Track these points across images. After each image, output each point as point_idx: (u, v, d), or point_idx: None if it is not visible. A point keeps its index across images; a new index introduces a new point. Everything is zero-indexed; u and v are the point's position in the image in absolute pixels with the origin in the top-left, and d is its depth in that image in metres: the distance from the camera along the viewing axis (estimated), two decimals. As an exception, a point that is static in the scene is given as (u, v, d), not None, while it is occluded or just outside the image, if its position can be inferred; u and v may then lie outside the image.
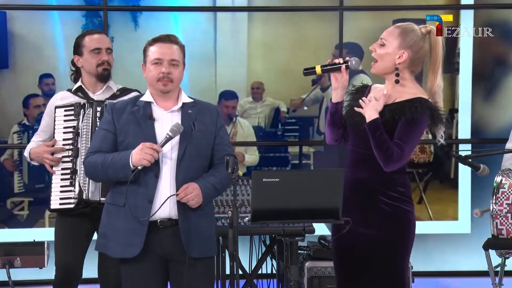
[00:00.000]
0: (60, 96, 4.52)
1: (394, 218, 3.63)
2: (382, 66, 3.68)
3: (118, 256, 3.69)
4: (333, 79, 3.72)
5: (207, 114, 3.75)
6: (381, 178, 3.61)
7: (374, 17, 6.52)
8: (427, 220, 6.66)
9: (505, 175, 4.57)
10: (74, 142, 4.33)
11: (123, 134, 3.66)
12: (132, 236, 3.60)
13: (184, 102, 3.73)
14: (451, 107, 6.72)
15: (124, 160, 3.58)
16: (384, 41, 3.68)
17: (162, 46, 3.68)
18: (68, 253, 4.38)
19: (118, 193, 3.66)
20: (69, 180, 4.33)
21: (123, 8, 6.50)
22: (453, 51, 6.61)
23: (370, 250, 3.63)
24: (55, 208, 4.37)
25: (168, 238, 3.63)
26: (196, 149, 3.65)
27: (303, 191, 3.44)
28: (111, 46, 4.51)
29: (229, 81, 6.70)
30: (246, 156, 6.81)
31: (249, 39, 6.72)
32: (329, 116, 3.78)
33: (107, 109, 3.77)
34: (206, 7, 6.63)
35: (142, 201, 3.60)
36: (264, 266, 5.01)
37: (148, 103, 3.71)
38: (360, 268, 3.67)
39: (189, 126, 3.67)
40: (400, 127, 3.57)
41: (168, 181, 3.62)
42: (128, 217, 3.59)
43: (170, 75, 3.65)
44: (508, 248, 4.57)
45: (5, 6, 6.42)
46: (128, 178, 3.58)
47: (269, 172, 4.73)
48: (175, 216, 3.62)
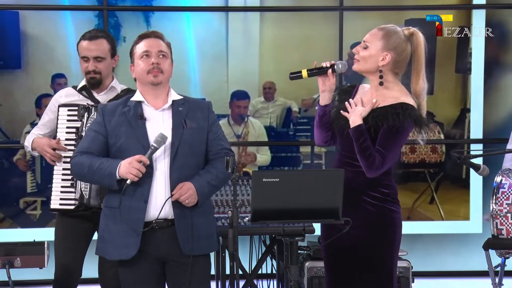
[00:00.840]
0: (65, 93, 4.52)
1: (378, 218, 3.65)
2: (364, 66, 3.70)
3: (115, 258, 3.69)
4: (320, 83, 3.74)
5: (198, 111, 3.74)
6: (365, 178, 3.63)
7: (383, 17, 6.51)
8: (439, 220, 6.65)
9: (505, 175, 4.57)
10: (76, 144, 4.32)
11: (115, 136, 3.65)
12: (127, 237, 3.60)
13: (174, 100, 3.72)
14: (463, 106, 6.72)
15: (110, 169, 3.57)
16: (367, 44, 3.69)
17: (148, 40, 3.69)
18: (68, 253, 4.38)
19: (113, 195, 3.65)
20: (69, 181, 4.33)
21: (123, 8, 6.50)
22: (465, 51, 6.61)
23: (357, 250, 3.65)
24: (55, 208, 4.37)
25: (164, 239, 3.63)
26: (189, 147, 3.64)
27: (303, 191, 3.44)
28: (101, 54, 4.42)
29: (240, 81, 6.70)
30: (258, 156, 6.81)
31: (261, 39, 6.72)
32: (318, 119, 3.80)
33: (98, 111, 3.77)
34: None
35: (137, 202, 3.59)
36: (264, 266, 5.00)
37: (139, 103, 3.70)
38: (348, 269, 3.69)
39: (181, 124, 3.67)
40: (382, 134, 3.59)
41: (162, 180, 3.62)
42: (123, 218, 3.59)
43: (159, 66, 3.65)
44: (508, 248, 4.57)
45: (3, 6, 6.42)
46: (112, 186, 3.59)
47: (269, 172, 4.73)
48: (170, 216, 3.62)
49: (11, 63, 6.52)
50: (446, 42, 6.51)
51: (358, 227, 3.61)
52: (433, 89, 6.61)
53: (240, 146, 6.71)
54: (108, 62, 4.45)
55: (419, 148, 6.65)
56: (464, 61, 6.63)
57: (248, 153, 6.80)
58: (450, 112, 6.74)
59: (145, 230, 3.58)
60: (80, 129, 4.32)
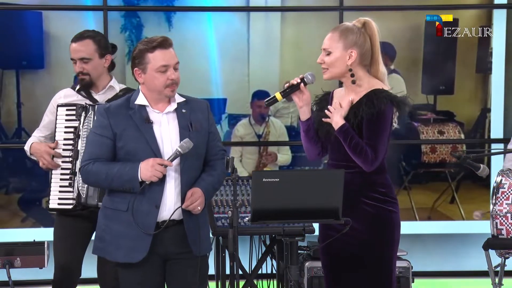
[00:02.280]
0: (64, 94, 4.51)
1: (376, 218, 3.65)
2: (334, 71, 3.70)
3: (121, 261, 3.65)
4: (296, 100, 3.73)
5: (199, 112, 3.74)
6: (361, 179, 3.64)
7: (404, 17, 6.52)
8: (459, 220, 6.63)
9: (505, 175, 4.57)
10: (74, 144, 4.33)
11: (123, 139, 3.62)
12: (137, 241, 3.58)
13: (178, 102, 3.71)
14: (484, 106, 6.72)
15: (131, 174, 3.55)
16: (329, 50, 3.70)
17: (165, 52, 3.63)
18: (67, 253, 4.37)
19: (118, 198, 3.63)
20: (68, 181, 4.33)
21: (123, 8, 6.50)
22: (486, 51, 6.60)
23: (356, 251, 3.66)
24: (53, 207, 4.37)
25: (168, 236, 3.62)
26: (195, 149, 3.63)
27: (303, 191, 3.44)
28: (87, 56, 4.40)
29: (262, 81, 6.69)
30: (278, 155, 6.81)
31: (282, 39, 6.72)
32: (304, 135, 3.79)
33: (100, 112, 3.69)
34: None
35: (147, 206, 3.58)
36: (264, 266, 5.00)
37: (143, 106, 3.67)
38: (346, 270, 3.69)
39: (187, 127, 3.66)
40: (365, 126, 3.60)
41: (173, 184, 3.61)
42: (132, 222, 3.57)
43: (176, 80, 3.64)
44: (508, 248, 4.57)
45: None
46: (135, 190, 3.56)
47: (269, 172, 4.73)
48: (177, 217, 3.62)
49: (34, 63, 6.54)
50: (466, 41, 6.50)
51: (356, 228, 3.61)
52: (453, 89, 6.61)
53: (260, 146, 6.71)
54: (95, 62, 4.42)
55: (439, 148, 6.64)
56: (485, 60, 6.62)
57: (269, 152, 6.81)
58: (471, 112, 6.73)
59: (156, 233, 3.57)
60: (78, 128, 4.33)
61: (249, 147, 6.79)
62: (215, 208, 4.63)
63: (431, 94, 6.68)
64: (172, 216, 3.59)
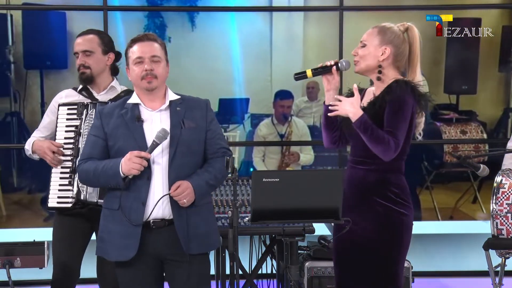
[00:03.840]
0: (65, 94, 4.51)
1: (386, 219, 3.66)
2: (364, 64, 3.72)
3: (115, 259, 3.69)
4: (325, 82, 3.75)
5: (197, 110, 3.74)
6: (376, 177, 3.65)
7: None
8: (483, 220, 6.62)
9: (505, 175, 4.57)
10: (75, 142, 4.33)
11: (113, 138, 3.67)
12: (127, 239, 3.61)
13: (171, 100, 3.72)
14: (506, 106, 6.71)
15: (114, 169, 3.59)
16: (365, 42, 3.71)
17: (141, 45, 3.68)
18: (66, 252, 4.37)
19: (112, 197, 3.68)
20: (68, 180, 4.33)
21: (123, 8, 6.51)
22: (508, 50, 6.59)
23: (363, 249, 3.66)
24: (53, 206, 4.37)
25: (162, 238, 3.63)
26: (187, 147, 3.64)
27: (303, 191, 3.44)
28: (89, 48, 4.42)
29: (284, 81, 6.69)
30: (301, 155, 6.81)
31: (304, 39, 6.72)
32: (324, 119, 3.80)
33: (95, 114, 3.78)
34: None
35: (135, 203, 3.60)
36: (264, 266, 5.00)
37: (136, 105, 3.71)
38: (355, 268, 3.69)
39: (179, 124, 3.66)
40: (387, 115, 3.60)
41: (160, 181, 3.62)
42: (123, 220, 3.60)
43: (153, 72, 3.66)
44: (508, 248, 4.57)
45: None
46: (119, 185, 3.60)
47: (269, 172, 4.73)
48: (168, 216, 3.62)
49: (58, 63, 6.56)
50: (489, 41, 6.49)
51: (366, 227, 3.62)
52: (476, 89, 6.61)
53: (283, 146, 6.70)
54: (98, 57, 4.43)
55: (461, 147, 6.63)
56: (508, 60, 6.61)
57: (291, 152, 6.81)
58: (493, 111, 6.72)
59: (143, 230, 3.58)
60: (79, 127, 4.33)
61: (272, 147, 6.79)
62: (215, 208, 4.63)
63: (453, 94, 6.67)
64: (163, 215, 3.60)
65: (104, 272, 4.41)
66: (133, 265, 3.64)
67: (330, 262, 4.57)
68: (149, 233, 3.62)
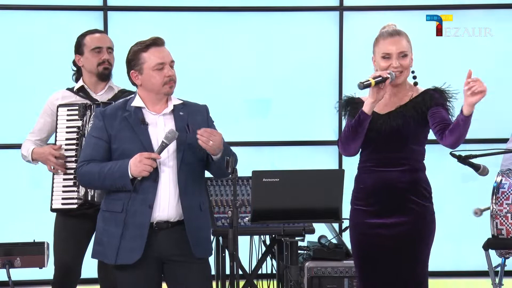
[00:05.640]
0: (61, 95, 4.50)
1: (420, 216, 3.70)
2: (406, 74, 3.74)
3: (118, 262, 3.64)
4: (374, 92, 3.63)
5: (198, 114, 3.75)
6: (410, 177, 3.69)
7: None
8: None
9: (505, 175, 4.57)
10: (79, 143, 4.32)
11: (118, 141, 3.64)
12: (131, 242, 3.59)
13: (174, 105, 3.72)
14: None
15: (122, 170, 3.57)
16: (406, 52, 3.71)
17: (159, 50, 3.66)
18: (68, 253, 4.37)
19: (114, 200, 3.65)
20: (72, 181, 4.32)
21: (123, 8, 6.50)
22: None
23: (397, 246, 3.68)
24: (57, 208, 4.36)
25: (164, 240, 3.62)
26: (193, 151, 3.64)
27: (303, 191, 3.44)
28: (112, 46, 4.49)
29: None
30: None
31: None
32: (362, 129, 3.67)
33: (96, 115, 3.74)
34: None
35: (141, 206, 3.58)
36: (264, 266, 5.00)
37: (139, 108, 3.69)
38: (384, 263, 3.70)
39: (184, 128, 3.66)
40: (444, 113, 3.65)
41: (167, 185, 3.61)
42: (126, 223, 3.59)
43: (173, 77, 3.66)
44: (508, 248, 4.56)
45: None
46: (126, 187, 3.57)
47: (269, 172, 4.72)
48: (172, 219, 3.62)
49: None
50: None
51: (401, 225, 3.66)
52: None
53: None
54: (113, 56, 4.49)
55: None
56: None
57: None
58: None
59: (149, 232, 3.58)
60: (81, 128, 4.32)
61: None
62: (215, 208, 4.62)
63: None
64: (167, 217, 3.60)
65: (105, 272, 4.41)
66: (134, 268, 3.62)
67: (330, 262, 4.58)
68: (152, 235, 3.60)
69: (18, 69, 6.49)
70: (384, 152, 3.71)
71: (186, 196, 3.61)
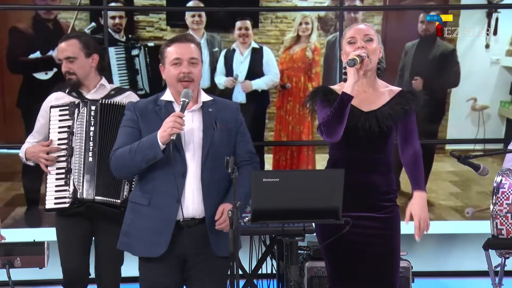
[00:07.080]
0: (55, 97, 4.53)
1: (393, 217, 3.75)
2: (374, 60, 3.70)
3: (143, 255, 3.68)
4: (356, 73, 3.57)
5: (227, 112, 3.76)
6: (383, 178, 3.72)
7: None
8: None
9: (505, 175, 4.57)
10: (69, 142, 4.34)
11: (147, 133, 3.65)
12: (157, 235, 3.61)
13: (204, 101, 3.74)
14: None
15: (151, 140, 3.56)
16: (371, 36, 3.69)
17: (180, 46, 3.68)
18: (73, 256, 4.39)
19: (142, 193, 3.68)
20: (63, 180, 4.34)
21: (123, 8, 6.50)
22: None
23: (376, 247, 3.72)
24: (50, 207, 4.37)
25: (189, 237, 3.65)
26: (219, 148, 3.66)
27: (303, 191, 3.44)
28: (72, 54, 4.43)
29: None
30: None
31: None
32: (346, 111, 3.60)
33: (129, 108, 3.75)
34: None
35: (169, 200, 3.60)
36: (264, 266, 5.01)
37: (169, 103, 3.72)
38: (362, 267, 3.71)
39: (211, 125, 3.68)
40: (413, 123, 3.72)
41: (192, 180, 3.63)
42: (153, 216, 3.61)
43: (190, 75, 3.66)
44: (508, 248, 4.57)
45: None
46: (157, 156, 3.55)
47: (269, 172, 4.74)
48: (198, 216, 3.64)
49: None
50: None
51: (375, 226, 3.69)
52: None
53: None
54: (81, 61, 4.45)
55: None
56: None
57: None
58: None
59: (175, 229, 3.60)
60: (71, 127, 4.34)
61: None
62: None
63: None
64: (193, 214, 3.62)
65: (100, 273, 4.42)
66: (160, 262, 3.63)
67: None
68: (178, 232, 3.63)
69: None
70: (364, 152, 3.72)
71: (209, 193, 3.65)
